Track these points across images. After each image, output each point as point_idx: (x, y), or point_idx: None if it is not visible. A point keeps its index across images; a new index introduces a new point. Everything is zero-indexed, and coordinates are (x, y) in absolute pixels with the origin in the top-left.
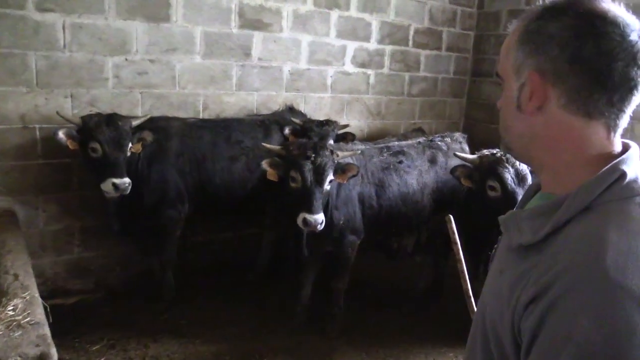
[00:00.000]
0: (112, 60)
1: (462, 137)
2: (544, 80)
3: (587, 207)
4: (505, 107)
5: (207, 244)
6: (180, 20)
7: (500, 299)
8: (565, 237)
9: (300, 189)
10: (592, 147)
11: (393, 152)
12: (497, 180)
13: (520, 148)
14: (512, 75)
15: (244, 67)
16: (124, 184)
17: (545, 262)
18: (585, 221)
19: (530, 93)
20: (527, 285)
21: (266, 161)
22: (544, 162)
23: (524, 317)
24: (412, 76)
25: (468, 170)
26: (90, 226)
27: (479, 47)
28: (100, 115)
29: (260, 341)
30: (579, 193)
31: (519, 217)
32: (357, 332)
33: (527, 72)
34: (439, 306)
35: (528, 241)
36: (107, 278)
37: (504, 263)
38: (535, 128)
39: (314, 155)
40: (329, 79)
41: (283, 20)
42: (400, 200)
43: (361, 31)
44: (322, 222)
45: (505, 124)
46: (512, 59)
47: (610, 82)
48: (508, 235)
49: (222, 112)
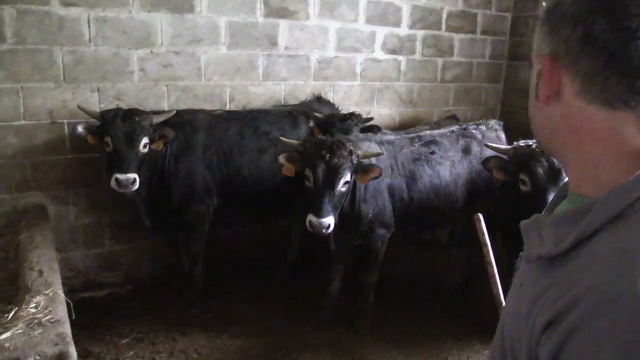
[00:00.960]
0: (137, 53)
1: (498, 124)
2: (557, 64)
3: (618, 216)
4: (529, 96)
5: (235, 237)
6: (205, 10)
7: (518, 317)
8: (591, 251)
9: (311, 188)
10: (622, 142)
11: (425, 142)
12: (528, 173)
13: (545, 141)
14: (534, 60)
15: (270, 56)
16: (127, 180)
17: (566, 280)
18: (616, 233)
19: (544, 79)
20: (544, 305)
21: (284, 155)
22: (568, 158)
23: (541, 344)
24: (445, 61)
25: (502, 162)
26: (120, 220)
27: (517, 30)
28: (119, 110)
29: (288, 336)
30: (609, 198)
31: (542, 223)
32: (388, 327)
33: (541, 56)
34: (473, 300)
35: (548, 253)
36: (137, 271)
37: (524, 275)
38: (553, 119)
39: (329, 156)
40: (358, 66)
41: (309, 7)
42: (432, 192)
43: (391, 16)
44: (328, 227)
45: (529, 115)
46: (535, 43)
47: (629, 65)
48: (529, 244)
49: (249, 104)
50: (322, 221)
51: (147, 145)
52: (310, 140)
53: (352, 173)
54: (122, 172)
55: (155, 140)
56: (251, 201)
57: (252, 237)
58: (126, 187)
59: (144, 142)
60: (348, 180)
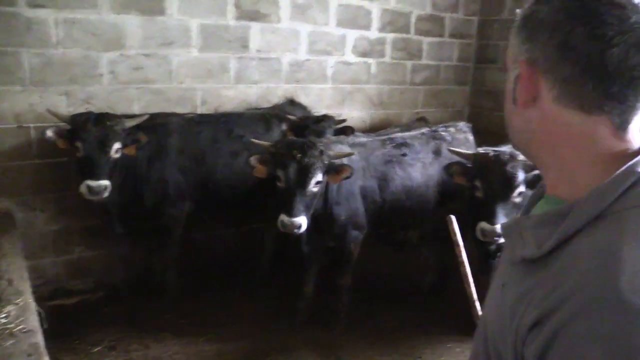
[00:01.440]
0: (107, 55)
1: (467, 126)
2: (535, 70)
3: (597, 216)
4: (506, 100)
5: (209, 241)
6: (176, 12)
7: (502, 316)
8: (572, 252)
9: (283, 189)
10: (597, 145)
11: (396, 145)
12: (481, 181)
13: (522, 145)
14: (510, 65)
15: (241, 59)
16: (99, 187)
17: (549, 281)
18: (596, 233)
19: (522, 84)
20: (529, 306)
21: (255, 157)
22: (545, 162)
23: (527, 343)
24: (414, 64)
25: (464, 168)
26: (91, 226)
27: (483, 33)
28: (90, 114)
29: (264, 339)
30: (589, 199)
31: (523, 225)
32: (363, 328)
33: (519, 62)
34: (446, 300)
35: (532, 255)
36: (109, 277)
37: (506, 276)
38: (531, 124)
39: (300, 156)
40: (329, 69)
41: (281, 10)
42: (404, 193)
43: (361, 19)
44: (299, 226)
45: (506, 119)
46: (511, 48)
47: (604, 71)
48: (511, 245)
49: (221, 107)
50: (294, 221)
51: (120, 151)
52: (281, 141)
53: (323, 173)
54: (93, 178)
55: (128, 145)
56: (225, 205)
57: (226, 240)
58: (98, 194)
59: (116, 147)
60: (320, 180)
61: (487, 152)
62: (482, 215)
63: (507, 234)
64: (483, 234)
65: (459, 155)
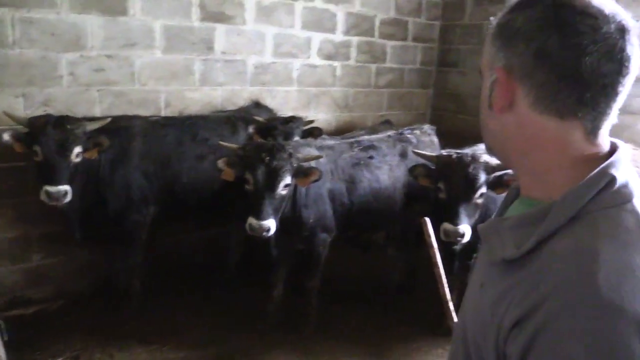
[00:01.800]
0: (66, 57)
1: (431, 129)
2: (511, 76)
3: (574, 217)
4: (481, 105)
5: (174, 245)
6: (139, 13)
7: (482, 316)
8: (551, 252)
9: (252, 192)
10: (570, 149)
11: (363, 147)
12: (444, 183)
13: (497, 149)
14: (486, 71)
15: (206, 61)
16: (58, 192)
17: (529, 280)
18: (573, 233)
19: (499, 91)
20: (510, 305)
21: (223, 160)
22: (520, 165)
23: (509, 341)
24: (378, 67)
25: (427, 170)
26: (50, 232)
27: (445, 37)
28: (49, 117)
29: (232, 344)
30: (565, 201)
31: (501, 226)
32: (332, 330)
33: (495, 69)
34: (413, 300)
35: (511, 255)
36: (69, 285)
37: (485, 276)
38: (507, 128)
39: (269, 158)
40: (295, 72)
41: (246, 12)
42: (371, 196)
43: (327, 22)
44: (268, 230)
45: (481, 123)
46: (486, 55)
47: (579, 79)
48: (489, 247)
49: (186, 109)
50: (263, 224)
51: (80, 155)
52: (249, 144)
53: (292, 176)
54: (53, 184)
55: (89, 149)
56: (191, 209)
57: (192, 245)
58: (57, 200)
59: (76, 151)
60: (288, 184)
61: (450, 154)
62: (445, 216)
63: (485, 236)
64: (446, 234)
65: (423, 157)
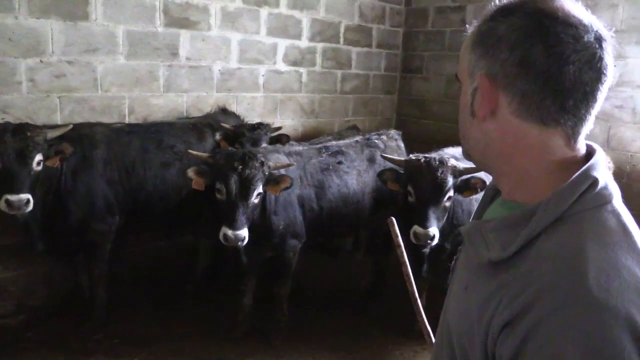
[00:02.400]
0: (26, 62)
1: (397, 134)
2: (494, 84)
3: (558, 218)
4: (462, 112)
5: (140, 255)
6: (100, 18)
7: (468, 318)
8: (538, 253)
9: (224, 202)
10: (551, 154)
11: (332, 153)
12: (413, 186)
13: (478, 155)
14: (466, 79)
15: (171, 67)
16: (19, 201)
17: (518, 282)
18: (559, 234)
19: (481, 98)
20: (499, 306)
21: (192, 169)
22: (502, 170)
23: (499, 342)
24: (344, 73)
25: (395, 174)
26: (8, 244)
27: (408, 44)
28: (7, 125)
29: (203, 354)
30: (550, 203)
31: (485, 229)
32: (303, 336)
33: (478, 76)
34: (382, 304)
35: (498, 257)
36: (30, 299)
37: (469, 279)
38: (489, 135)
39: (241, 167)
40: (260, 78)
41: (211, 18)
42: (340, 201)
43: (292, 29)
44: (243, 239)
45: (462, 131)
46: (466, 62)
47: (562, 87)
48: (474, 249)
49: (150, 116)
50: (238, 234)
51: (42, 163)
52: (220, 153)
53: (263, 184)
54: (13, 192)
55: (51, 157)
56: (157, 217)
57: (159, 253)
58: (19, 209)
59: (37, 159)
60: (261, 192)
61: (419, 158)
62: (415, 220)
63: (469, 238)
64: (416, 237)
65: (392, 162)
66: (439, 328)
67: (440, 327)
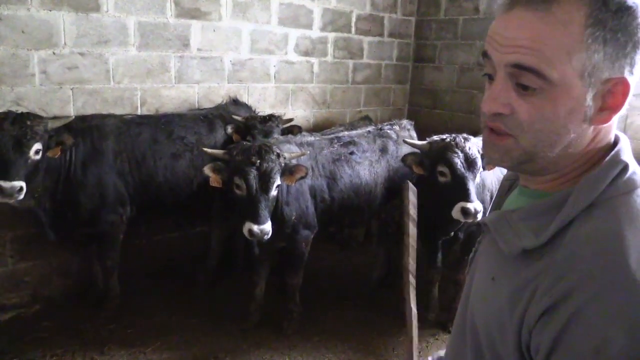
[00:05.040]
0: (38, 54)
1: (410, 124)
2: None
3: (590, 204)
4: (554, 118)
5: (152, 246)
6: (112, 9)
7: (498, 309)
8: (574, 239)
9: (245, 197)
10: (598, 142)
11: (344, 143)
12: (447, 165)
13: (555, 159)
14: (575, 80)
15: (182, 58)
16: (12, 188)
17: (555, 269)
18: (593, 220)
19: (614, 102)
20: (535, 295)
21: (208, 166)
22: (550, 161)
23: (537, 330)
24: (355, 63)
25: (419, 157)
26: (24, 235)
27: (420, 33)
28: (9, 113)
29: (214, 344)
30: (583, 189)
31: (512, 218)
32: (315, 327)
33: (611, 79)
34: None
35: (532, 244)
36: (46, 289)
37: (496, 269)
38: (584, 138)
39: (259, 161)
40: (272, 68)
41: (222, 8)
42: (352, 191)
43: (303, 18)
44: (269, 232)
45: (550, 139)
46: (577, 60)
47: None
48: (502, 239)
49: (162, 107)
50: (263, 227)
51: (41, 152)
52: (235, 148)
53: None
54: (6, 179)
55: (52, 147)
56: (168, 208)
57: (171, 244)
58: (11, 196)
59: (35, 149)
60: (279, 184)
61: (444, 138)
62: (459, 197)
63: (496, 229)
64: (465, 212)
65: (414, 146)
66: (457, 319)
67: (460, 319)
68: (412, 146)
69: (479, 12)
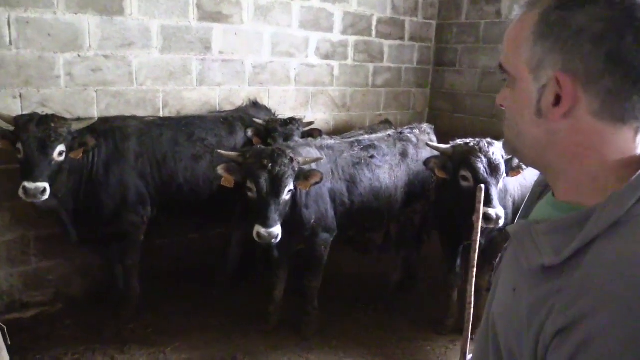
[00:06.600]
0: (64, 57)
1: (430, 128)
2: (575, 82)
3: (616, 222)
4: (517, 110)
5: (172, 246)
6: (136, 13)
7: (517, 320)
8: (594, 259)
9: (255, 199)
10: (619, 153)
11: (364, 147)
12: (470, 170)
13: (533, 154)
14: (526, 74)
15: (204, 61)
16: (36, 189)
17: (573, 288)
18: (616, 239)
19: (557, 97)
20: (552, 312)
21: (222, 166)
22: (561, 169)
23: (552, 349)
24: (376, 67)
25: (442, 161)
26: (47, 235)
27: (441, 37)
28: (34, 115)
29: (233, 346)
30: (607, 206)
31: (535, 230)
32: (333, 330)
33: (552, 73)
34: (413, 299)
35: (550, 262)
36: (68, 288)
37: (517, 280)
38: (557, 135)
39: (272, 165)
40: (292, 71)
41: (243, 12)
42: (372, 195)
43: (324, 22)
44: (277, 236)
45: (516, 129)
46: (526, 55)
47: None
48: (523, 252)
49: (183, 109)
50: (271, 231)
51: (64, 154)
52: (249, 151)
53: (294, 180)
54: (31, 180)
55: (75, 149)
56: (188, 209)
57: (191, 246)
58: (35, 197)
59: (59, 150)
60: (292, 189)
61: (467, 142)
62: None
63: (519, 240)
64: (487, 218)
65: (437, 150)
66: (482, 327)
67: (484, 326)
68: (434, 149)
69: (501, 15)
